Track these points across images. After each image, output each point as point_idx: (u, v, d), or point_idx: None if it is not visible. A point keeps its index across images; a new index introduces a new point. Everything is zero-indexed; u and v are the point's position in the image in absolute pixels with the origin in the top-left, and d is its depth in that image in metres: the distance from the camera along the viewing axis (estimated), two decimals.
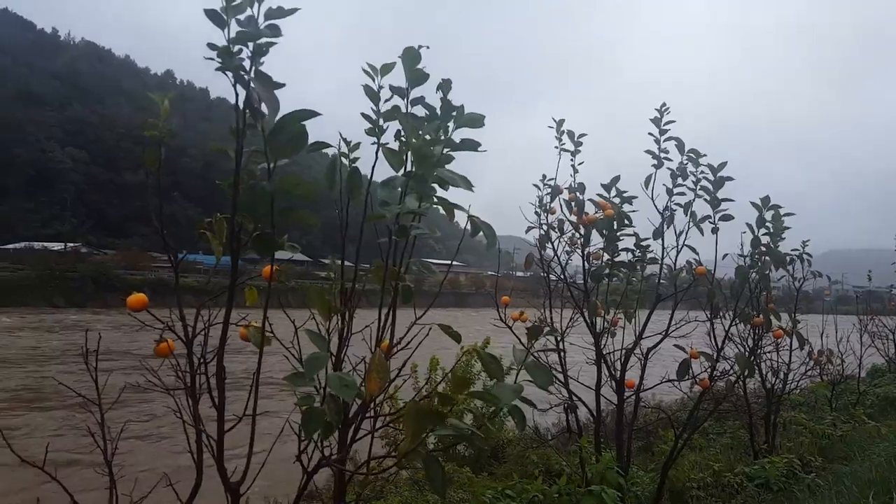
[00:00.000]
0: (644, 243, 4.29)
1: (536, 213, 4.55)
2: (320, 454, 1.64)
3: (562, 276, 4.61)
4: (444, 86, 1.76)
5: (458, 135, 1.47)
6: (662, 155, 4.41)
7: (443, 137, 1.50)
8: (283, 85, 1.42)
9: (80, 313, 57.01)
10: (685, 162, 4.42)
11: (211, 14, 1.34)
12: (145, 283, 70.69)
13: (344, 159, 1.75)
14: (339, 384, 1.32)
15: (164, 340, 1.68)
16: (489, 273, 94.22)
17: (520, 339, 4.14)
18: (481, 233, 1.61)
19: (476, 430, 1.35)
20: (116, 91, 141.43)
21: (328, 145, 1.59)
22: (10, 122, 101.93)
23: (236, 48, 1.40)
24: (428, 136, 1.49)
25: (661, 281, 4.50)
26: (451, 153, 1.48)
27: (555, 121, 4.42)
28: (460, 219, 1.57)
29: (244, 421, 1.69)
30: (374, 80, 1.64)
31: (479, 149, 1.48)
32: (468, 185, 1.47)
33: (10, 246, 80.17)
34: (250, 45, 1.41)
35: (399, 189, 1.44)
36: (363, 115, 1.67)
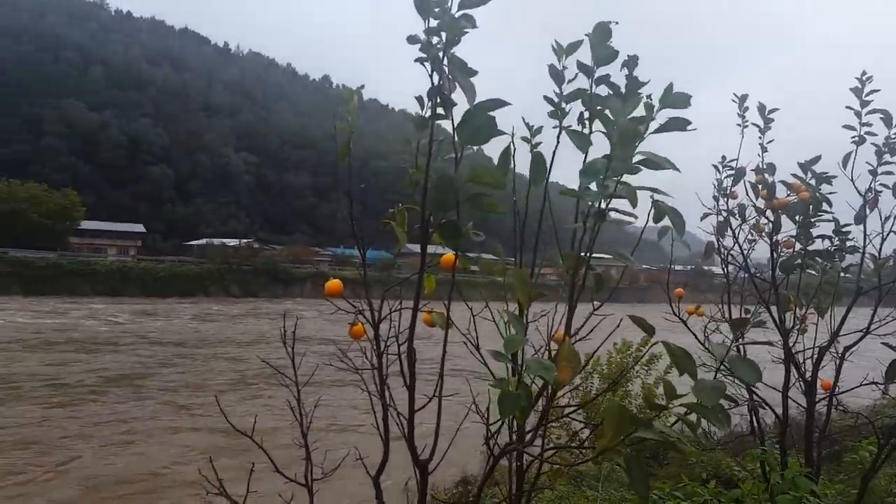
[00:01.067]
0: (844, 229, 3.85)
1: (714, 197, 4.26)
2: (504, 440, 1.68)
3: (744, 267, 4.28)
4: (630, 62, 1.71)
5: (662, 115, 1.41)
6: (864, 130, 3.94)
7: (636, 116, 1.46)
8: (477, 72, 1.46)
9: (254, 302, 63.61)
10: (894, 136, 3.92)
11: (419, 4, 1.41)
12: (308, 275, 77.11)
13: (523, 144, 1.76)
14: (540, 366, 1.33)
15: (358, 323, 1.81)
16: (643, 266, 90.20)
17: (695, 335, 3.92)
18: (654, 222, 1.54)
19: (679, 435, 1.30)
20: (280, 97, 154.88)
21: (503, 133, 1.59)
22: (194, 132, 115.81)
23: (432, 39, 1.46)
24: (629, 116, 1.45)
25: (862, 272, 4.02)
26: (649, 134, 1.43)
27: (736, 96, 4.11)
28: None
29: (423, 407, 1.77)
30: (559, 59, 1.63)
31: (688, 128, 1.40)
32: (672, 167, 1.40)
33: (194, 242, 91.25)
34: (443, 34, 1.46)
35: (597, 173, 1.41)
36: (546, 98, 1.67)
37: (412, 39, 1.47)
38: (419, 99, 1.68)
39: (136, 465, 11.76)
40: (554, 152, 1.73)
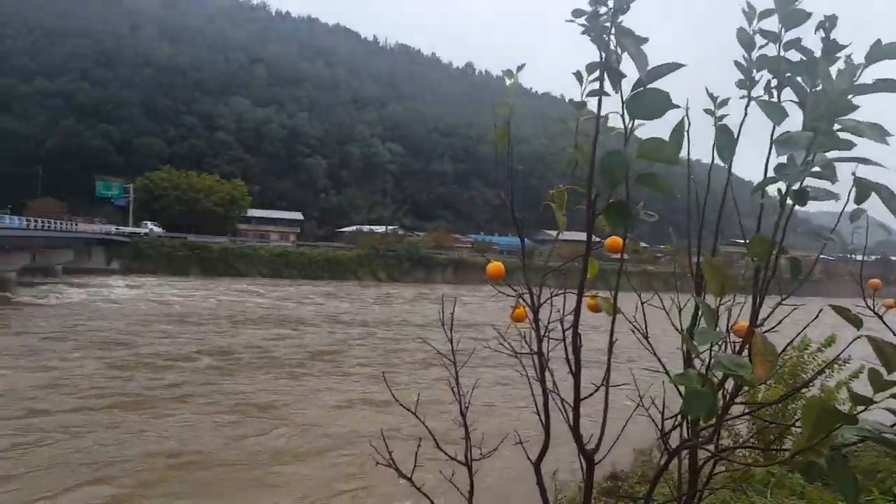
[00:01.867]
0: None
1: None
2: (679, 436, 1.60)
3: None
4: (828, 22, 1.52)
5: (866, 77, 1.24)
6: None
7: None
8: (647, 39, 1.38)
9: (397, 286, 66.64)
10: None
11: None
12: (450, 261, 79.32)
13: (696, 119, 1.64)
14: (732, 362, 1.24)
15: (520, 306, 1.80)
16: (821, 256, 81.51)
17: (893, 332, 3.47)
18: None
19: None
20: (425, 87, 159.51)
21: (677, 106, 1.49)
22: (345, 124, 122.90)
23: (599, 9, 1.41)
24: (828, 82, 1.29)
25: None
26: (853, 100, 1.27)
27: None
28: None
29: (590, 396, 1.73)
30: (749, 23, 1.50)
31: None
32: (881, 136, 1.23)
33: (345, 229, 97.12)
34: (610, 2, 1.40)
35: (801, 147, 1.27)
36: (735, 62, 1.54)
37: (577, 13, 1.42)
38: (577, 74, 1.63)
39: (361, 428, 13.54)
40: (741, 124, 1.59)
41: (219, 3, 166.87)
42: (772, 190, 1.51)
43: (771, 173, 1.45)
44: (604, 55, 1.46)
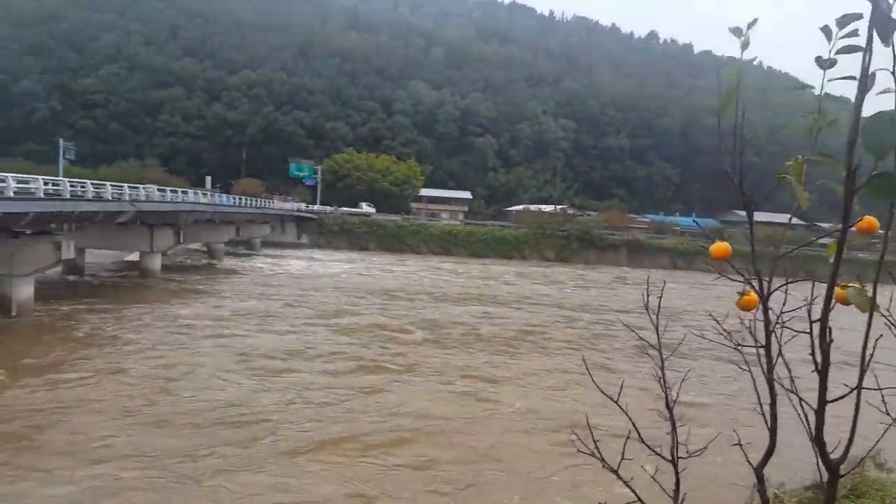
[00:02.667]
0: None
1: None
2: None
3: None
4: None
5: None
6: None
7: None
8: None
9: (566, 266, 65.74)
10: None
11: None
12: (623, 242, 76.33)
13: None
14: None
15: (749, 293, 1.62)
16: None
17: None
18: None
19: None
20: (603, 60, 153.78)
21: None
22: (517, 102, 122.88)
23: None
24: None
25: None
26: None
27: None
28: None
29: (839, 399, 1.50)
30: None
31: None
32: None
33: (513, 208, 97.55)
34: None
35: None
36: None
37: None
38: (825, 29, 1.40)
39: (569, 409, 14.51)
40: None
41: None
42: None
43: None
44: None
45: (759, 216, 1.57)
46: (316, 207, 78.09)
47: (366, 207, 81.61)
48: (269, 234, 63.51)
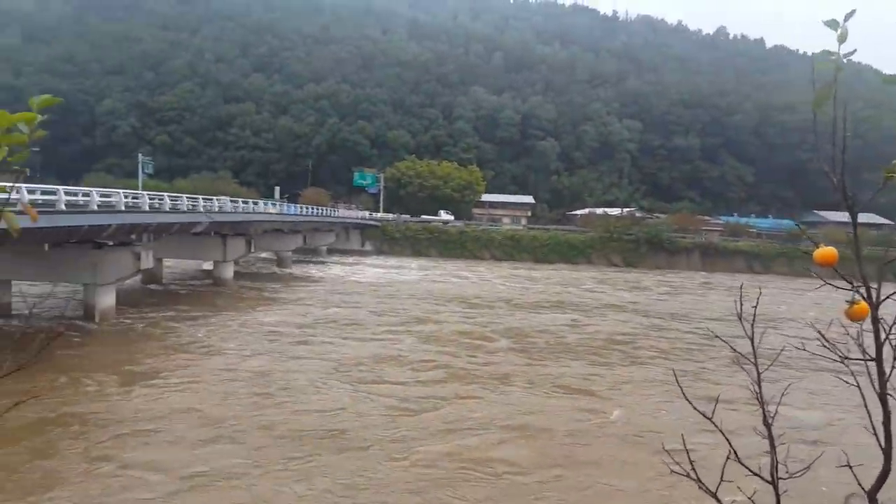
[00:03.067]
0: None
1: None
2: None
3: None
4: None
5: None
6: None
7: None
8: None
9: (633, 272, 64.12)
10: None
11: None
12: (695, 245, 73.70)
13: None
14: None
15: (860, 301, 1.45)
16: None
17: None
18: None
19: None
20: (669, 58, 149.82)
21: None
22: (580, 104, 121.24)
23: None
24: None
25: None
26: None
27: None
28: None
29: None
30: None
31: None
32: None
33: (577, 212, 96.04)
34: None
35: None
36: None
37: None
38: None
39: (667, 424, 14.18)
40: None
41: None
42: None
43: None
44: None
45: (838, 216, 1.36)
46: (379, 215, 79.25)
47: (444, 215, 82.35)
48: (335, 242, 64.89)
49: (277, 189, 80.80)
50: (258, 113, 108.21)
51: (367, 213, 77.51)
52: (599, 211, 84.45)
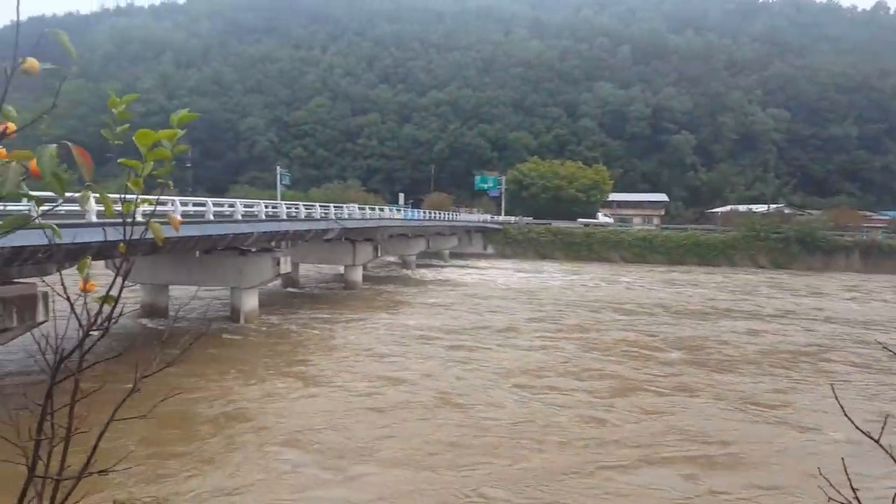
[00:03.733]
0: None
1: None
2: None
3: None
4: None
5: None
6: None
7: None
8: None
9: (783, 273, 59.62)
10: None
11: None
12: (856, 244, 67.00)
13: None
14: None
15: None
16: None
17: None
18: None
19: None
20: (819, 39, 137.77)
21: None
22: (717, 93, 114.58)
23: None
24: None
25: None
26: None
27: None
28: None
29: None
30: None
31: None
32: None
33: (717, 210, 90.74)
34: None
35: None
36: None
37: None
38: None
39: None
40: None
41: None
42: None
43: None
44: None
45: None
46: (500, 218, 79.74)
47: (603, 217, 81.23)
48: (457, 246, 66.21)
49: (402, 195, 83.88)
50: (383, 122, 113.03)
51: (488, 217, 78.28)
52: (742, 208, 79.40)
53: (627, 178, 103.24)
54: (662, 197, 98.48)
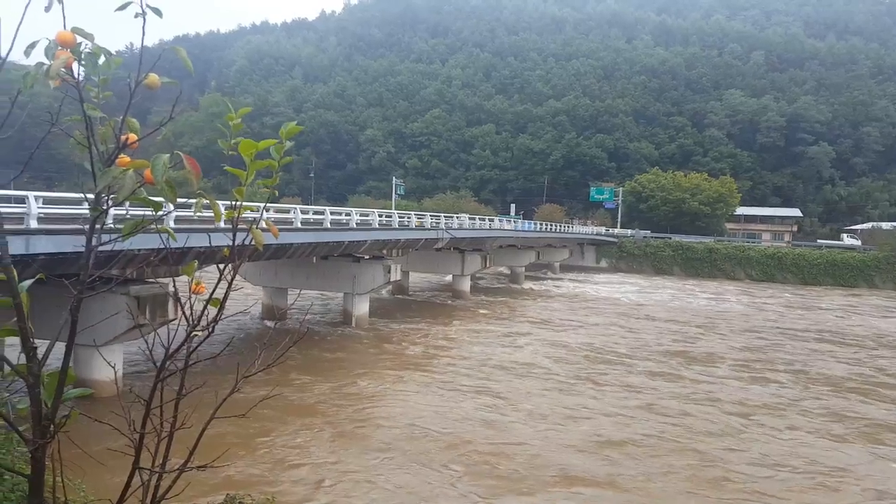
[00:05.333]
0: None
1: None
2: None
3: None
4: None
5: None
6: None
7: None
8: None
9: None
10: None
11: None
12: None
13: None
14: None
15: None
16: None
17: None
18: None
19: None
20: None
21: None
22: (860, 102, 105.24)
23: None
24: None
25: None
26: None
27: None
28: None
29: None
30: None
31: None
32: None
33: (857, 227, 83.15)
34: None
35: None
36: None
37: None
38: None
39: None
40: None
41: None
42: None
43: None
44: None
45: None
46: (616, 231, 77.50)
47: (848, 239, 76.78)
48: (568, 258, 65.02)
49: (513, 206, 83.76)
50: (498, 133, 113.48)
51: (602, 229, 76.32)
52: (887, 225, 72.27)
53: (757, 192, 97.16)
54: (795, 212, 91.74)
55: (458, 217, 38.81)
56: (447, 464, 12.02)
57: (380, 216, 29.25)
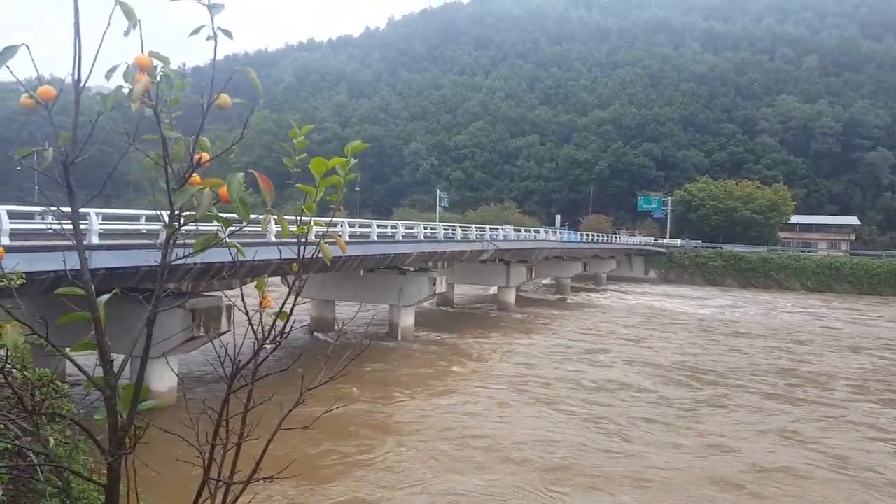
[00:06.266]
0: None
1: None
2: None
3: None
4: None
5: None
6: None
7: None
8: None
9: None
10: None
11: None
12: None
13: None
14: None
15: None
16: None
17: None
18: None
19: None
20: None
21: None
22: None
23: None
24: None
25: None
26: None
27: None
28: None
29: None
30: None
31: None
32: None
33: None
34: None
35: None
36: None
37: None
38: None
39: None
40: None
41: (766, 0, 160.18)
42: None
43: None
44: None
45: None
46: (665, 241, 75.98)
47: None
48: (616, 269, 64.02)
49: (558, 217, 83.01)
50: (542, 144, 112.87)
51: (651, 240, 74.93)
52: None
53: (812, 200, 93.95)
54: (853, 220, 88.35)
55: (502, 229, 38.72)
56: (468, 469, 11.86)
57: (425, 228, 29.40)
